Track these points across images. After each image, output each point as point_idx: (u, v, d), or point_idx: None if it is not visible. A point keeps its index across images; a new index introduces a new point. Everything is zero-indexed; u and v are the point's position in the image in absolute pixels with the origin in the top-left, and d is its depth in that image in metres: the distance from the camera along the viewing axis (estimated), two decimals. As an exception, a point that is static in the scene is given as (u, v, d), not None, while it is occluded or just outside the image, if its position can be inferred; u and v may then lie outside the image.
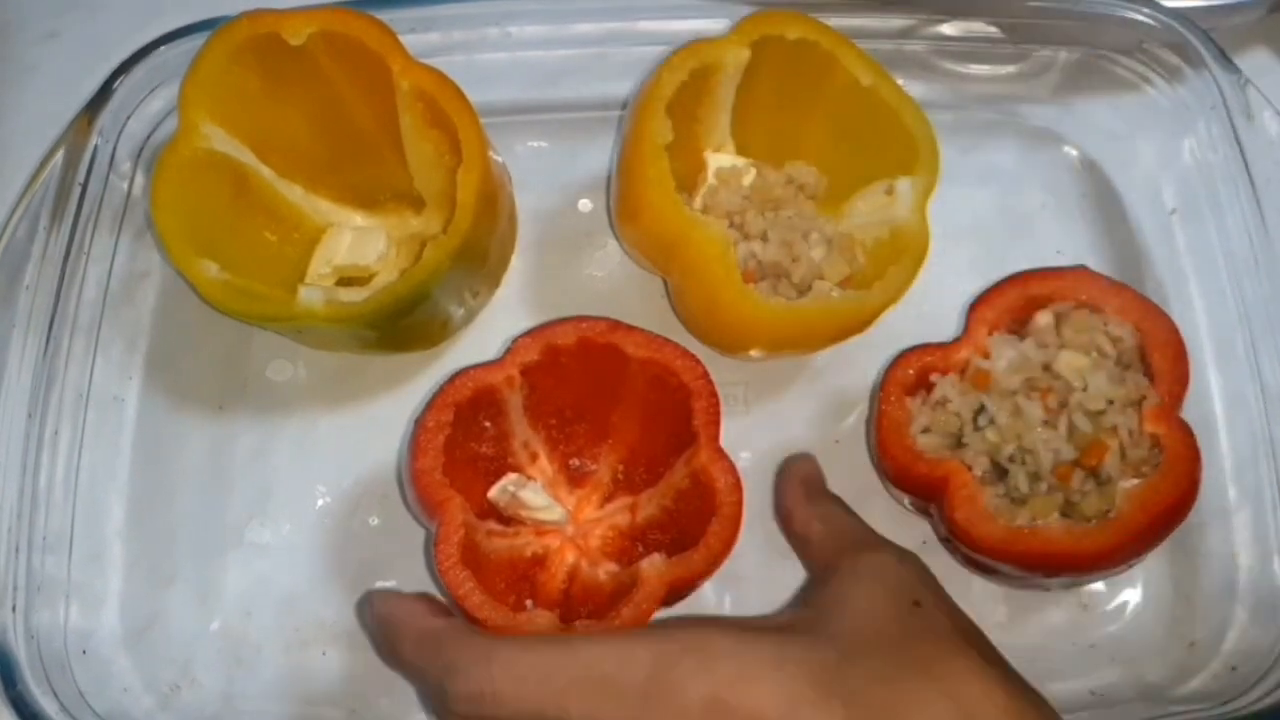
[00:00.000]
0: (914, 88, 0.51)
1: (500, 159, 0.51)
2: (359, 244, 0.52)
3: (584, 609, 0.45)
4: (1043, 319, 0.48)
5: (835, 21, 0.50)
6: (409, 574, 0.50)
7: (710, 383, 0.46)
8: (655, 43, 0.54)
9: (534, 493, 0.47)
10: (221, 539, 0.50)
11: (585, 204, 0.56)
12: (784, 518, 0.48)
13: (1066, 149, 0.57)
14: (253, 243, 0.51)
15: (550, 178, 0.56)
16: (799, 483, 0.48)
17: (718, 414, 0.46)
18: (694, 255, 0.46)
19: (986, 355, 0.48)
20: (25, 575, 0.46)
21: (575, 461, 0.50)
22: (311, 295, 0.46)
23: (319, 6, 0.48)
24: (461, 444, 0.47)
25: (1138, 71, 0.54)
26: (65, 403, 0.50)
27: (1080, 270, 0.49)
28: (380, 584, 0.50)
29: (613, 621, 0.42)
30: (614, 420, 0.49)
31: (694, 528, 0.45)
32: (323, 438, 0.52)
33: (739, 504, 0.45)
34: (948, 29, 0.55)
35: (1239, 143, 0.50)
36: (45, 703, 0.44)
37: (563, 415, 0.49)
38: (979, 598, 0.49)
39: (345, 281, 0.52)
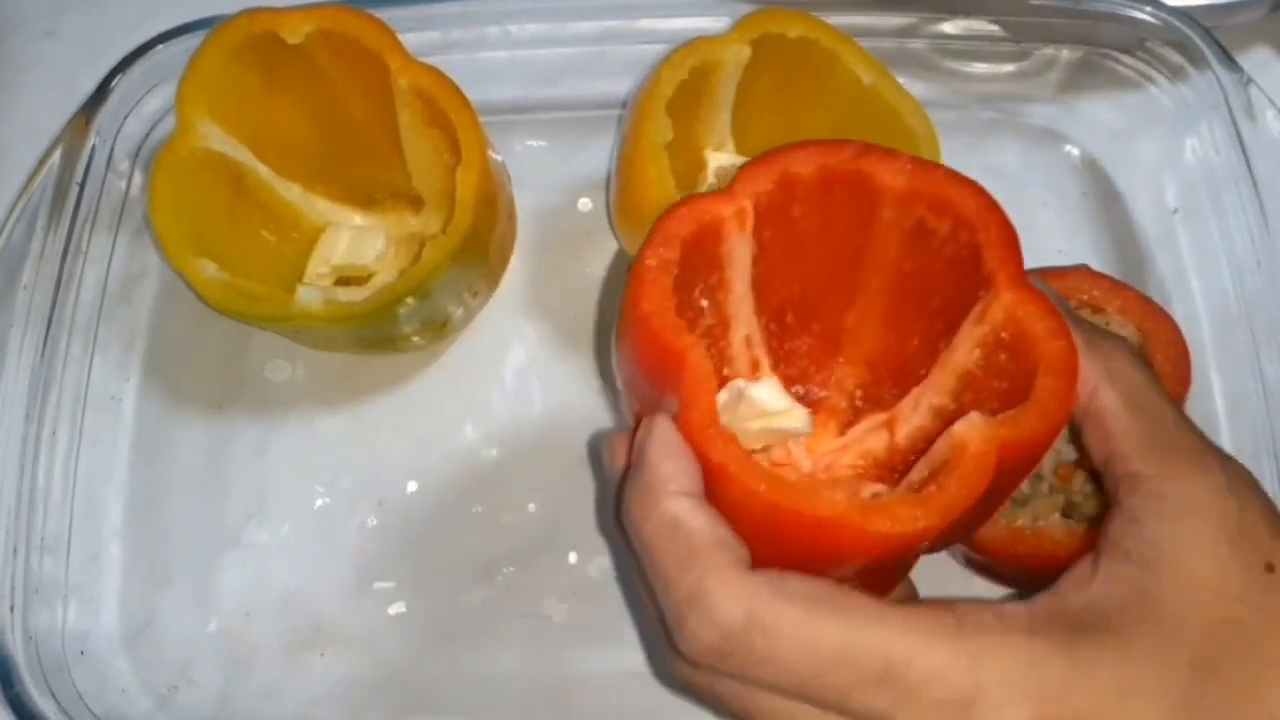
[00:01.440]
0: (915, 86, 0.50)
1: (499, 158, 0.51)
2: (357, 243, 0.52)
3: None
4: (1044, 319, 0.48)
5: (836, 20, 0.50)
6: (408, 575, 0.49)
7: (1000, 210, 0.35)
8: (655, 41, 0.54)
9: (771, 391, 0.36)
10: (219, 539, 0.50)
11: (585, 203, 0.56)
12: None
13: (1068, 148, 0.57)
14: (251, 242, 0.50)
15: (550, 177, 0.56)
16: (1064, 314, 0.34)
17: (1017, 248, 0.34)
18: (694, 255, 0.46)
19: (988, 355, 0.48)
20: (23, 576, 0.46)
21: (799, 388, 0.40)
22: (309, 295, 0.46)
23: (317, 5, 0.48)
24: None
25: (1140, 70, 0.54)
26: (63, 403, 0.49)
27: (1081, 270, 0.49)
28: (379, 584, 0.49)
29: (936, 498, 0.31)
30: (848, 326, 0.39)
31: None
32: (321, 438, 0.52)
33: (1070, 349, 0.33)
34: (949, 27, 0.55)
35: (1241, 142, 0.50)
36: (43, 704, 0.43)
37: (782, 319, 0.39)
38: (980, 598, 0.48)
39: (343, 281, 0.52)
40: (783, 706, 0.31)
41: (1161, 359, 0.46)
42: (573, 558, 0.50)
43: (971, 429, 0.32)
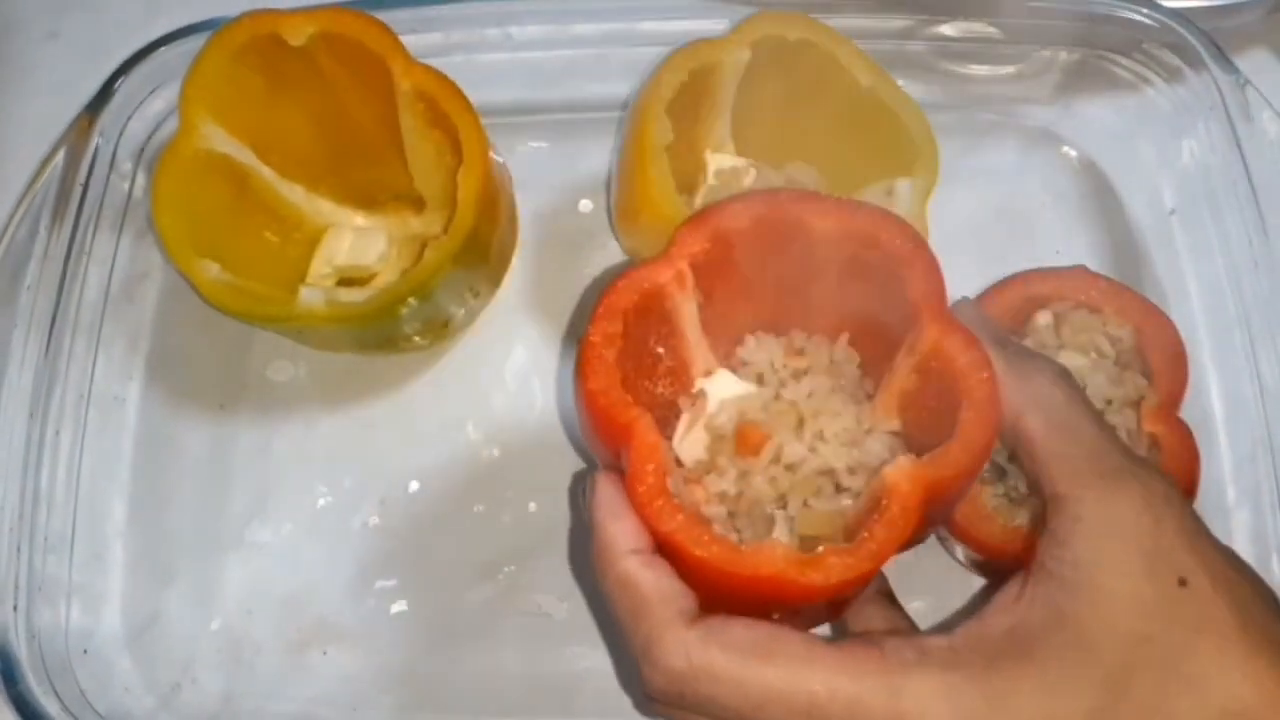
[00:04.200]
0: (914, 88, 0.51)
1: (501, 159, 0.51)
2: (360, 244, 0.52)
3: None
4: (1042, 319, 0.48)
5: (835, 22, 0.50)
6: (409, 574, 0.50)
7: (924, 245, 0.37)
8: (656, 43, 0.54)
9: (726, 384, 0.40)
10: (222, 538, 0.51)
11: (586, 204, 0.56)
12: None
13: (1066, 149, 0.57)
14: (254, 243, 0.51)
15: (551, 178, 0.56)
16: (987, 337, 0.36)
17: (940, 282, 0.37)
18: (694, 255, 0.46)
19: (986, 355, 0.48)
20: (27, 575, 0.46)
21: None
22: (312, 296, 0.46)
23: (319, 7, 0.48)
24: (633, 381, 0.38)
25: (1137, 72, 0.54)
26: (66, 403, 0.50)
27: (1079, 270, 0.49)
28: (381, 583, 0.50)
29: (865, 545, 0.33)
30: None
31: (942, 442, 0.35)
32: (323, 438, 0.52)
33: (990, 381, 0.35)
34: (947, 29, 0.55)
35: (1238, 143, 0.50)
36: (47, 702, 0.44)
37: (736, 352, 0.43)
38: (980, 598, 0.49)
39: (346, 282, 0.52)
40: None
41: (1158, 359, 0.47)
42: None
43: (899, 473, 0.34)
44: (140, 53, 0.53)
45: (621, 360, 0.37)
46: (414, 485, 0.51)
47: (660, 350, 0.40)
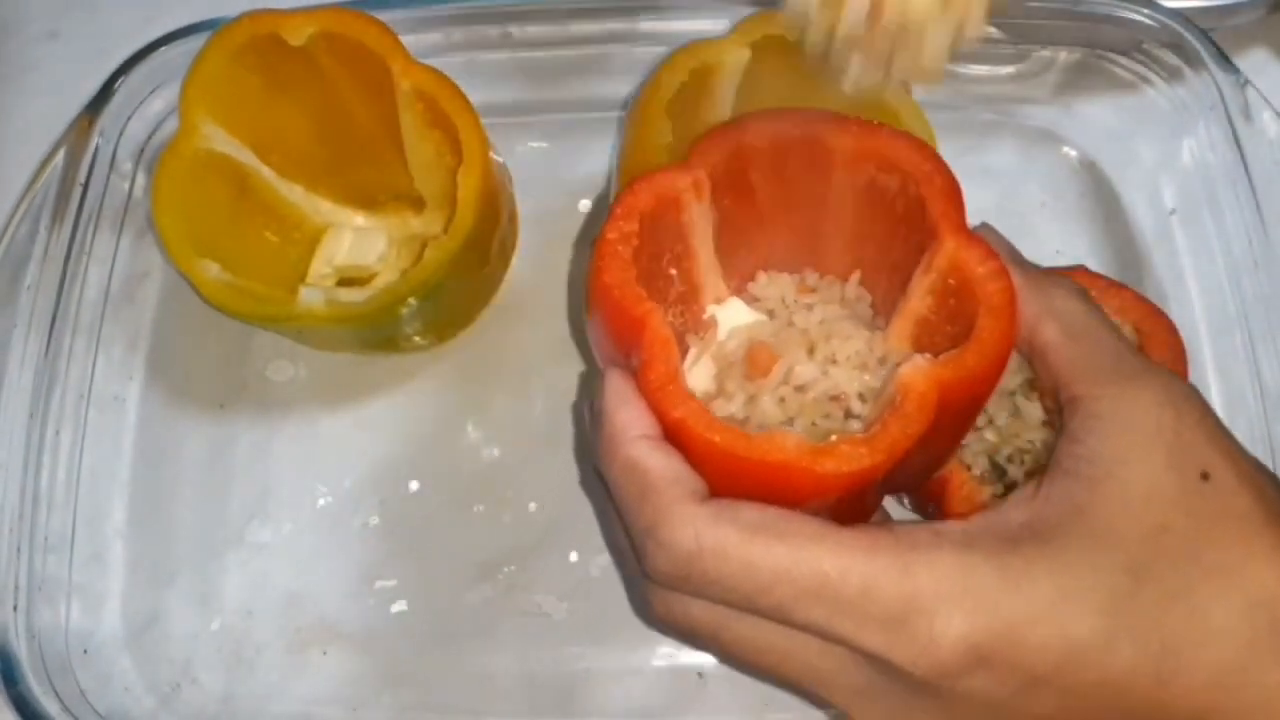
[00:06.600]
0: (913, 88, 0.51)
1: (501, 159, 0.51)
2: (360, 244, 0.52)
3: None
4: (1042, 319, 0.48)
5: (835, 22, 0.50)
6: (409, 574, 0.50)
7: (943, 164, 0.37)
8: (656, 43, 0.54)
9: (737, 312, 0.40)
10: (222, 538, 0.51)
11: (585, 204, 0.56)
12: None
13: (1066, 149, 0.57)
14: (253, 243, 0.51)
15: (551, 178, 0.56)
16: (1006, 254, 0.36)
17: (960, 199, 0.36)
18: (694, 255, 0.46)
19: (986, 355, 0.48)
20: (26, 575, 0.46)
21: None
22: (312, 296, 0.46)
23: (319, 7, 0.48)
24: None
25: (1137, 72, 0.54)
26: (66, 403, 0.50)
27: (1079, 270, 0.49)
28: (381, 583, 0.50)
29: (880, 437, 0.33)
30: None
31: None
32: (323, 438, 0.52)
33: (1008, 290, 0.34)
34: (947, 29, 0.55)
35: (1238, 143, 0.50)
36: (46, 702, 0.44)
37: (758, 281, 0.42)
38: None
39: (346, 282, 0.52)
40: (743, 629, 0.33)
41: (1158, 359, 0.47)
42: (573, 556, 0.50)
43: (915, 370, 0.34)
44: (140, 53, 0.53)
45: (636, 264, 0.36)
46: (414, 485, 0.51)
47: (673, 272, 0.39)
